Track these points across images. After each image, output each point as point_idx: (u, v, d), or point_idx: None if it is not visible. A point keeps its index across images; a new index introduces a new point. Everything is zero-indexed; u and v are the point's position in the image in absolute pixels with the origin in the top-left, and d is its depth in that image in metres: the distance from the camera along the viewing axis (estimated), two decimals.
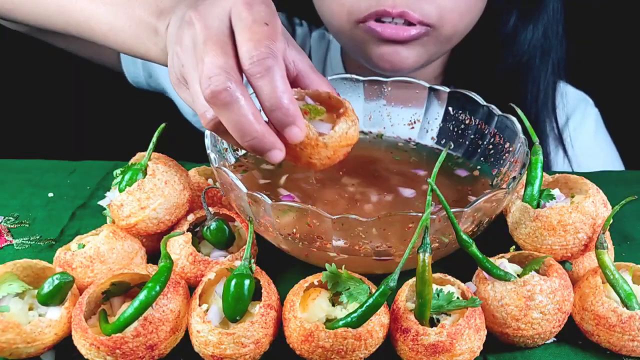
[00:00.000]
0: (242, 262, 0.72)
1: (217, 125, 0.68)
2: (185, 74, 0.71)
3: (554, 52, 1.23)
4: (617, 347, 0.72)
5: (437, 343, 0.67)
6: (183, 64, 0.71)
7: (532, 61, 1.22)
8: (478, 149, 0.95)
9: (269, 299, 0.70)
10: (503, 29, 1.21)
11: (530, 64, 1.22)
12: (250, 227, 0.75)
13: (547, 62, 1.23)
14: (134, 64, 1.34)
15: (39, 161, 1.07)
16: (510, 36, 1.21)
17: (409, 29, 1.04)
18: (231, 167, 0.91)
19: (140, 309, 0.67)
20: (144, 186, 0.78)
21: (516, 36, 1.21)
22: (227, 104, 0.64)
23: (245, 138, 0.65)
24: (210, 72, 0.64)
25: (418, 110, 1.01)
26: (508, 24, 1.20)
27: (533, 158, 0.81)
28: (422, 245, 0.68)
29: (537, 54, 1.22)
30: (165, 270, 0.69)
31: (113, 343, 0.66)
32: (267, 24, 0.66)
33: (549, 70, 1.23)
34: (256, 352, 0.69)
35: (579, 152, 1.30)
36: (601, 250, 0.73)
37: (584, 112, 1.35)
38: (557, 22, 1.22)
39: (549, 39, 1.22)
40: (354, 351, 0.68)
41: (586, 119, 1.35)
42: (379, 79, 1.01)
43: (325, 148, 0.69)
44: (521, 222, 0.79)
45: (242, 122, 0.64)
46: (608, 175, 1.04)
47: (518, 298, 0.70)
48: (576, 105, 1.35)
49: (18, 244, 0.88)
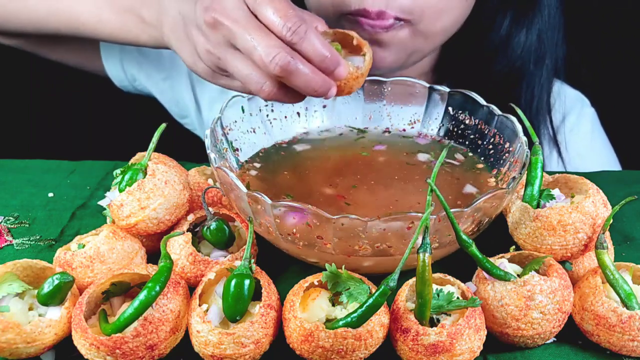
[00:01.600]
0: (242, 262, 0.72)
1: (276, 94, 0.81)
2: (227, 63, 0.81)
3: (549, 58, 1.22)
4: (617, 347, 0.72)
5: (437, 343, 0.67)
6: (220, 57, 0.82)
7: (526, 66, 1.21)
8: (478, 149, 0.95)
9: (269, 299, 0.70)
10: (496, 33, 1.20)
11: (524, 69, 1.21)
12: (250, 227, 0.75)
13: (542, 68, 1.22)
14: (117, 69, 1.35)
15: (39, 161, 1.07)
16: (503, 40, 1.20)
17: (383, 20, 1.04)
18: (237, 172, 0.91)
19: (140, 309, 0.67)
20: (144, 186, 0.78)
21: (509, 40, 1.20)
22: (295, 71, 0.77)
23: (315, 89, 0.79)
24: (269, 53, 0.76)
25: (418, 110, 1.01)
26: (501, 28, 1.19)
27: (533, 158, 0.81)
28: (422, 245, 0.68)
29: (531, 59, 1.21)
30: (165, 270, 0.69)
31: (113, 343, 0.66)
32: None
33: (544, 76, 1.23)
34: (256, 352, 0.69)
35: (575, 152, 1.29)
36: (601, 250, 0.73)
37: (580, 112, 1.34)
38: (552, 27, 1.21)
39: (544, 44, 1.21)
40: (354, 351, 0.68)
41: (582, 119, 1.34)
42: (379, 78, 1.01)
43: (362, 77, 0.84)
44: (521, 222, 0.79)
45: (310, 79, 0.78)
46: (608, 175, 1.04)
47: (518, 298, 0.70)
48: (572, 105, 1.33)
49: (18, 244, 0.88)
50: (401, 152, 0.98)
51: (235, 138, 0.93)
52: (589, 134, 1.35)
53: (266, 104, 0.97)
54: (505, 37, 1.20)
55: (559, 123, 1.29)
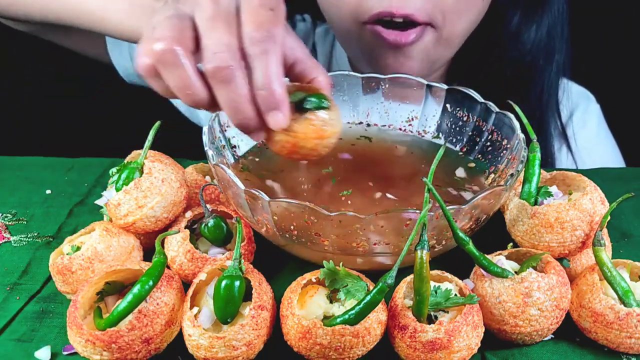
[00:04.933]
0: (232, 263, 0.71)
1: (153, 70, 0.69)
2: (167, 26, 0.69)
3: (558, 53, 1.22)
4: (615, 344, 0.72)
5: (434, 340, 0.67)
6: None
7: (536, 61, 1.22)
8: (476, 146, 0.95)
9: (259, 299, 0.70)
10: (506, 29, 1.20)
11: (534, 64, 1.22)
12: (239, 227, 0.74)
13: (551, 63, 1.22)
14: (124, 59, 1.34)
15: (36, 158, 1.06)
16: (513, 36, 1.20)
17: (407, 35, 1.04)
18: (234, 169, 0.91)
19: (134, 303, 0.67)
20: (140, 185, 0.78)
21: (519, 36, 1.20)
22: (227, 82, 0.66)
23: (237, 116, 0.68)
24: (216, 47, 0.66)
25: (416, 107, 1.01)
26: (511, 24, 1.19)
27: (531, 155, 0.81)
28: (419, 242, 0.68)
29: (540, 54, 1.21)
30: (159, 265, 0.69)
31: (109, 337, 0.66)
32: (272, 9, 0.68)
33: (553, 71, 1.23)
34: (249, 353, 0.69)
35: (581, 148, 1.30)
36: (599, 248, 0.73)
37: (586, 108, 1.35)
38: (561, 22, 1.21)
39: (553, 40, 1.21)
40: (351, 348, 0.68)
41: (588, 115, 1.35)
42: (377, 75, 1.00)
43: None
44: (519, 220, 0.79)
45: (238, 101, 0.67)
46: (606, 172, 1.04)
47: (515, 295, 0.70)
48: (578, 102, 1.34)
49: (16, 241, 0.88)
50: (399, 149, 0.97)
51: (233, 135, 0.93)
52: (595, 130, 1.35)
53: None
54: (515, 33, 1.20)
55: (567, 119, 1.30)
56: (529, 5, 1.19)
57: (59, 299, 0.80)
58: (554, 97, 1.25)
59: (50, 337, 0.74)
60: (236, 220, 0.75)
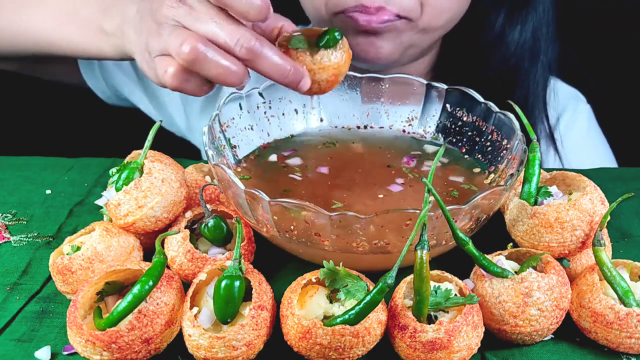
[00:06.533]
0: (232, 263, 0.71)
1: None
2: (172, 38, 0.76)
3: (544, 54, 1.22)
4: (615, 344, 0.72)
5: (434, 340, 0.67)
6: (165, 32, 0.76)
7: (521, 63, 1.21)
8: (476, 146, 0.95)
9: (259, 299, 0.70)
10: (490, 30, 1.19)
11: (519, 66, 1.21)
12: (239, 227, 0.74)
13: (536, 65, 1.21)
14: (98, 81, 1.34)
15: (36, 158, 1.06)
16: (497, 37, 1.20)
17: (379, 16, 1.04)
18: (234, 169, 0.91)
19: (134, 303, 0.67)
20: (140, 185, 0.78)
21: (504, 38, 1.19)
22: (261, 54, 0.75)
23: (284, 75, 0.77)
24: (233, 36, 0.74)
25: (416, 107, 1.00)
26: (495, 25, 1.19)
27: (531, 155, 0.81)
28: (419, 242, 0.68)
29: (525, 56, 1.21)
30: (159, 265, 0.69)
31: (108, 337, 0.66)
32: None
33: (539, 73, 1.22)
34: (249, 353, 0.69)
35: (571, 149, 1.29)
36: (598, 248, 0.73)
37: (575, 108, 1.34)
38: (547, 23, 1.20)
39: (539, 41, 1.20)
40: (351, 348, 0.68)
41: (578, 115, 1.34)
42: (376, 75, 1.00)
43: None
44: (519, 220, 0.79)
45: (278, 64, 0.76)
46: (605, 173, 1.04)
47: (515, 295, 0.70)
48: (568, 102, 1.33)
49: (16, 241, 0.88)
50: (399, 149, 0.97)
51: (233, 135, 0.93)
52: (584, 131, 1.34)
53: (264, 101, 0.97)
54: (499, 34, 1.19)
55: (555, 120, 1.29)
56: (513, 5, 1.18)
57: (59, 299, 0.80)
58: (540, 98, 1.24)
59: (50, 337, 0.74)
60: (236, 220, 0.75)
